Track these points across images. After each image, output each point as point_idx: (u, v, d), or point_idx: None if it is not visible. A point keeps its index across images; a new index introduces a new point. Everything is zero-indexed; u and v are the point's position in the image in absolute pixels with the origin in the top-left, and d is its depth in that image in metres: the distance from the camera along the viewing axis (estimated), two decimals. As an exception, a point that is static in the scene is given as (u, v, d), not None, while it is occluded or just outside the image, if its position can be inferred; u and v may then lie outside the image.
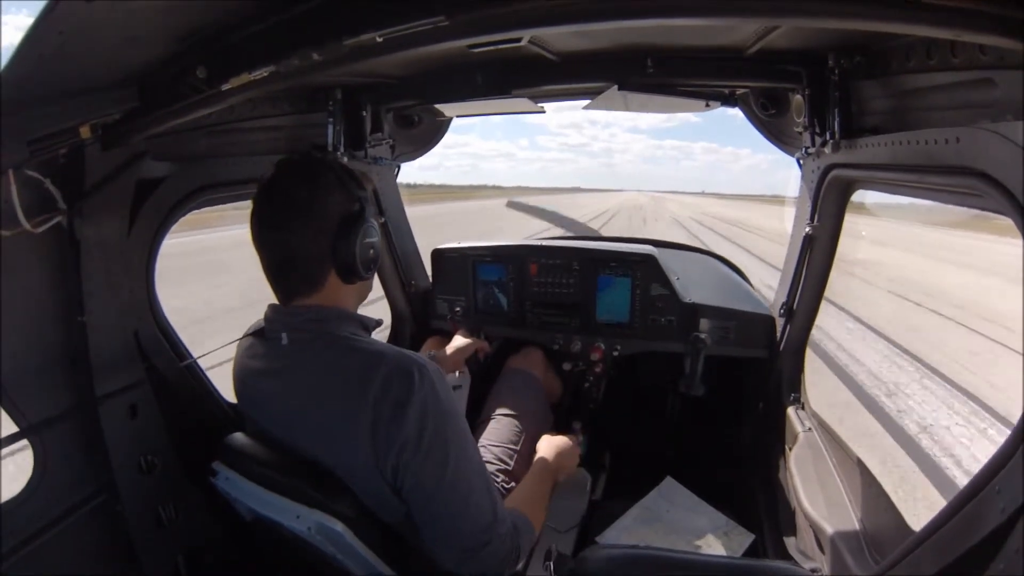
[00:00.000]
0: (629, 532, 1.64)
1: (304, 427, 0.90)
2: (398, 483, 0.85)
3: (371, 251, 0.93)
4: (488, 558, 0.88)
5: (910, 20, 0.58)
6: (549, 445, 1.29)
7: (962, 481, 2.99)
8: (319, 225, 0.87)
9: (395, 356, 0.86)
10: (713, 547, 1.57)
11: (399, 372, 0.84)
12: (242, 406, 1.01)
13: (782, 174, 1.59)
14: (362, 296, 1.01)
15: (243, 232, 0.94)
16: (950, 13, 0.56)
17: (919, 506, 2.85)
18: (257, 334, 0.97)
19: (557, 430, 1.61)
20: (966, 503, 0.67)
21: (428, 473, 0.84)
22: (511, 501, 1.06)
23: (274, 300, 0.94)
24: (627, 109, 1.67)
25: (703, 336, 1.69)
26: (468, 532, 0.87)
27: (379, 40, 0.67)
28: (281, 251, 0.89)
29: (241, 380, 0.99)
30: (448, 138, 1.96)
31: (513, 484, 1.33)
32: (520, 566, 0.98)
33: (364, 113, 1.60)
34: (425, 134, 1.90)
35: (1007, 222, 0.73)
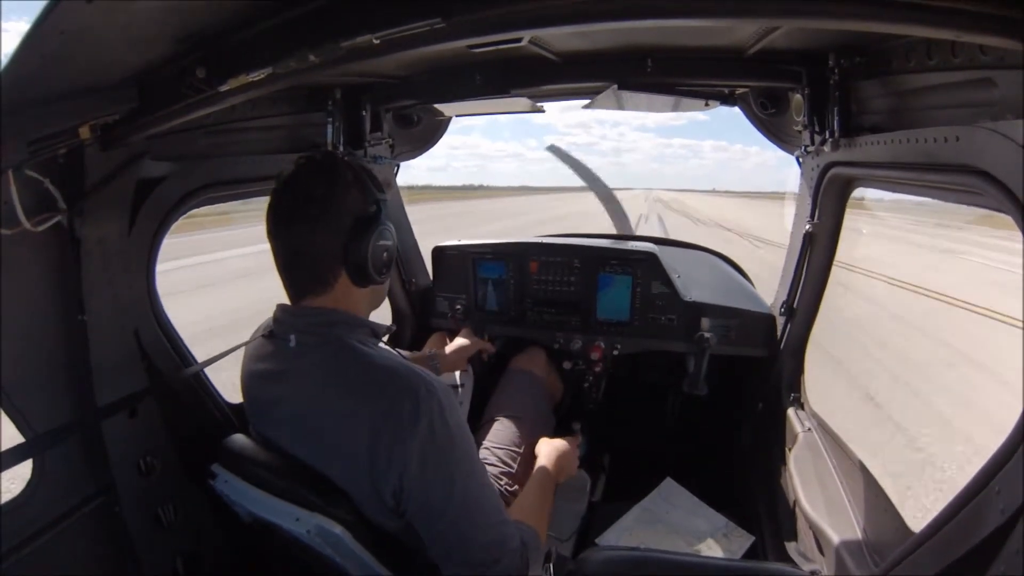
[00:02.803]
0: (629, 533, 1.64)
1: (305, 435, 0.89)
2: (401, 505, 0.84)
3: (384, 254, 0.91)
4: (499, 574, 0.87)
5: (910, 21, 0.58)
6: (550, 450, 1.28)
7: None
8: (333, 223, 0.86)
9: (402, 373, 0.85)
10: (713, 549, 1.57)
11: (404, 391, 0.82)
12: (247, 408, 1.01)
13: (792, 170, 1.59)
14: (375, 302, 1.00)
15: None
16: (950, 14, 0.56)
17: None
18: (267, 335, 0.96)
19: (557, 431, 1.61)
20: (966, 504, 0.67)
21: (433, 496, 0.83)
22: (514, 511, 1.05)
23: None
24: (626, 108, 1.67)
25: (708, 336, 1.69)
26: (477, 551, 0.86)
27: (376, 42, 0.66)
28: (292, 247, 0.88)
29: (247, 382, 0.99)
30: (455, 139, 1.98)
31: (516, 487, 1.32)
32: None
33: (363, 112, 1.60)
34: (425, 133, 1.90)
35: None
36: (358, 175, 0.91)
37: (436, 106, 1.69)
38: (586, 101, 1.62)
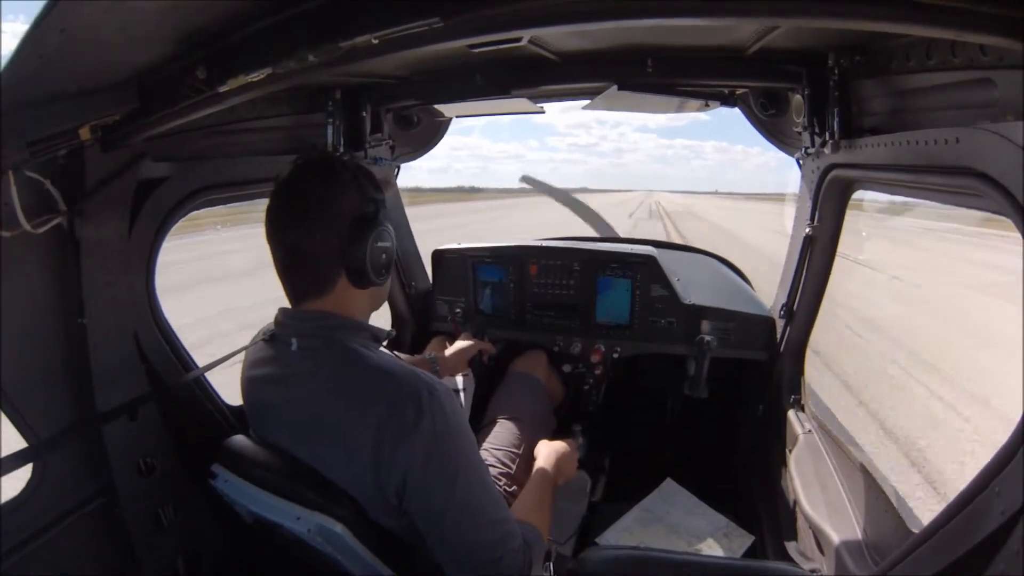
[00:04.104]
0: (629, 533, 1.64)
1: (306, 438, 0.89)
2: (403, 505, 0.84)
3: (383, 255, 0.90)
4: (503, 573, 0.87)
5: (910, 20, 0.58)
6: (548, 451, 1.28)
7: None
8: (330, 225, 0.86)
9: (404, 376, 0.85)
10: (713, 549, 1.57)
11: (406, 394, 0.82)
12: (247, 411, 1.00)
13: (793, 171, 1.58)
14: (375, 303, 1.00)
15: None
16: (950, 13, 0.56)
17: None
18: (268, 339, 0.96)
19: (557, 433, 1.61)
20: (966, 505, 0.67)
21: (436, 496, 0.83)
22: (513, 512, 1.04)
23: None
24: (626, 109, 1.67)
25: (708, 338, 1.69)
26: (480, 550, 0.86)
27: (374, 42, 0.66)
28: (291, 250, 0.88)
29: (248, 386, 0.99)
30: (456, 140, 1.97)
31: (515, 488, 1.32)
32: None
33: (364, 113, 1.60)
34: (425, 134, 1.90)
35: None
36: (355, 175, 0.90)
37: (436, 107, 1.69)
38: (586, 101, 1.62)
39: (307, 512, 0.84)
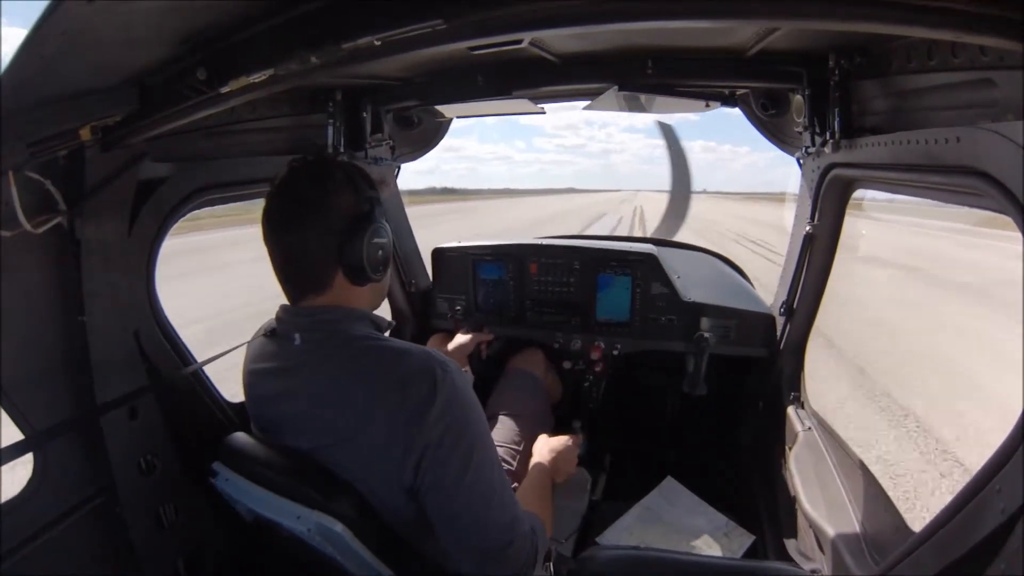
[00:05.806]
0: (629, 532, 1.64)
1: (317, 428, 0.89)
2: (417, 483, 0.84)
3: (379, 252, 0.91)
4: (511, 559, 0.86)
5: (910, 22, 0.58)
6: (545, 447, 1.28)
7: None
8: (326, 225, 0.86)
9: (416, 355, 0.85)
10: (713, 548, 1.57)
11: (421, 371, 0.83)
12: (250, 406, 1.00)
13: (781, 171, 1.56)
14: (376, 299, 1.00)
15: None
16: (950, 15, 0.56)
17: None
18: (269, 334, 0.96)
19: (557, 430, 1.62)
20: (966, 503, 0.67)
21: (450, 473, 0.83)
22: None
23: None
24: (627, 110, 1.67)
25: (707, 336, 1.69)
26: (490, 532, 0.86)
27: (377, 44, 0.66)
28: (288, 250, 0.88)
29: (251, 380, 0.99)
30: (445, 141, 1.97)
31: (516, 484, 1.33)
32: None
33: (364, 114, 1.61)
34: (425, 135, 1.90)
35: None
36: (350, 175, 0.91)
37: (437, 107, 1.69)
38: (587, 102, 1.63)
39: (307, 511, 0.84)
